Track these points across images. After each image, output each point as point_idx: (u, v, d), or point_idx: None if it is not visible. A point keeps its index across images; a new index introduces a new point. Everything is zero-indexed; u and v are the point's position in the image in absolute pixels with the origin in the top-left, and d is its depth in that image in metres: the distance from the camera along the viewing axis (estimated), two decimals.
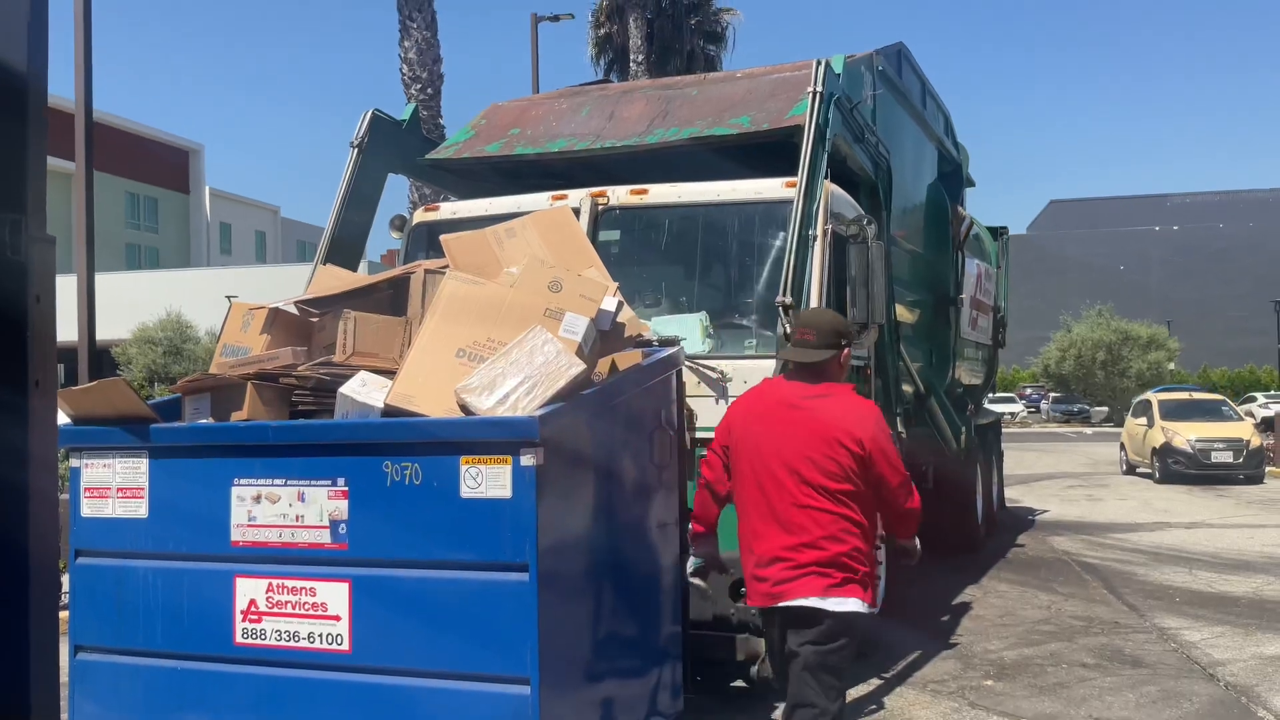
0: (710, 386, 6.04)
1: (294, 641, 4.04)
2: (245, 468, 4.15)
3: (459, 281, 4.39)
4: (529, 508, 3.72)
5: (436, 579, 3.87)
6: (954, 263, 10.73)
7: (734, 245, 6.70)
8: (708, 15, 31.53)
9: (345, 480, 3.98)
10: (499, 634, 3.75)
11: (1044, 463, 25.58)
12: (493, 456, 3.75)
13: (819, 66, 6.42)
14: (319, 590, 4.01)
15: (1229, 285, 72.13)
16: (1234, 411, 22.32)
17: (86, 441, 4.41)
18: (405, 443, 3.93)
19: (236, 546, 4.13)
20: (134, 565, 4.32)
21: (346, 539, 3.97)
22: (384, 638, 3.92)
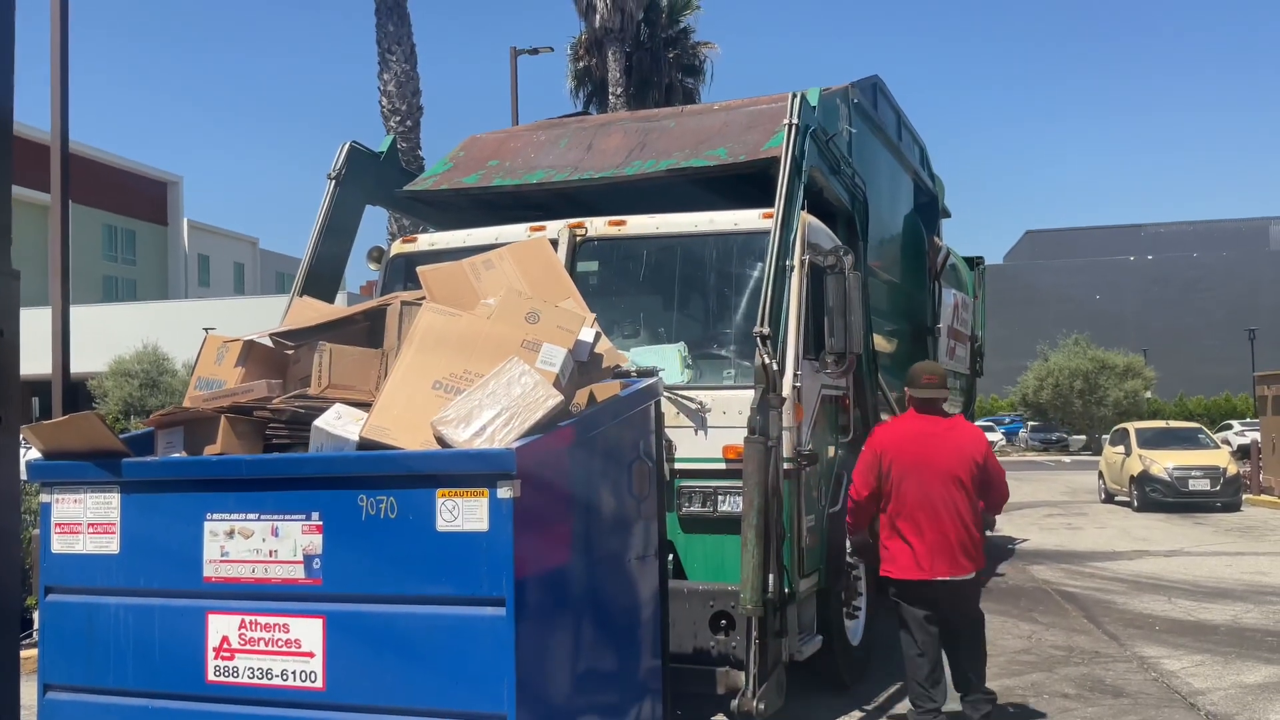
0: (689, 417, 6.05)
1: (267, 679, 3.96)
2: (218, 502, 4.08)
3: (435, 313, 4.36)
4: (506, 541, 3.67)
5: (412, 614, 3.81)
6: (931, 293, 10.80)
7: (712, 276, 6.72)
8: (686, 49, 31.82)
9: (320, 514, 3.92)
10: (476, 670, 3.69)
11: (1023, 491, 25.65)
12: (469, 489, 3.71)
13: (794, 99, 6.47)
14: (292, 627, 3.94)
15: (1203, 314, 72.79)
16: (1210, 439, 22.46)
17: (57, 476, 4.34)
18: (380, 475, 3.88)
19: (209, 582, 4.06)
20: (105, 602, 4.24)
21: (321, 574, 3.91)
22: (359, 675, 3.85)
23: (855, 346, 6.56)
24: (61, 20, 11.14)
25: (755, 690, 5.27)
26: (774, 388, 5.53)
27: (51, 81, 11.22)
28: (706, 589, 5.75)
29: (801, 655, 6.00)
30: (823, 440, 6.69)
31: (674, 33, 31.67)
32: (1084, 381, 48.97)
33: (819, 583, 6.43)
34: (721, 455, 5.96)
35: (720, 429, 5.98)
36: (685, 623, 5.60)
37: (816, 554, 6.40)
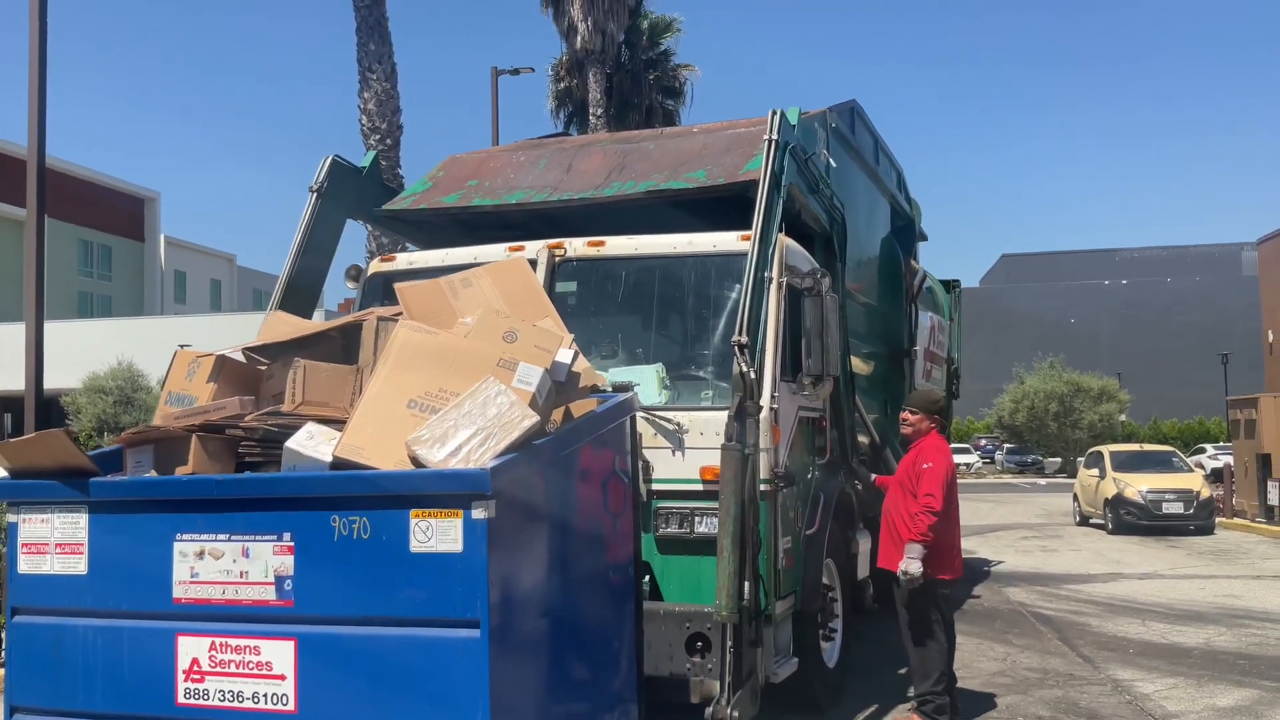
0: (666, 438, 6.05)
1: (238, 702, 3.91)
2: (188, 523, 4.03)
3: (412, 330, 4.34)
4: (480, 562, 3.64)
5: (385, 636, 3.77)
6: (908, 315, 10.85)
7: (690, 297, 6.75)
8: (666, 71, 31.97)
9: (291, 535, 3.88)
10: (450, 692, 3.66)
11: (999, 513, 25.75)
12: (443, 510, 3.68)
13: (774, 116, 6.52)
14: (263, 649, 3.89)
15: (1177, 338, 73.44)
16: (1184, 463, 22.63)
17: (24, 496, 4.28)
18: (353, 496, 3.85)
19: (179, 604, 4.01)
20: (73, 623, 4.18)
21: (292, 595, 3.87)
22: (331, 697, 3.80)
23: (833, 368, 6.59)
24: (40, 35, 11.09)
25: (730, 698, 5.26)
26: (752, 395, 5.56)
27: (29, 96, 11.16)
28: (683, 610, 5.74)
29: (777, 677, 5.99)
30: (800, 462, 6.71)
31: (654, 55, 31.82)
32: (1059, 404, 49.24)
33: (795, 605, 6.42)
34: (699, 476, 5.96)
35: (698, 450, 5.98)
36: (661, 644, 5.58)
37: (793, 576, 6.40)
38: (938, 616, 6.52)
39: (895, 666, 8.32)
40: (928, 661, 6.53)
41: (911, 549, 6.29)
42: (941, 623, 6.54)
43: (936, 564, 6.38)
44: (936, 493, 6.32)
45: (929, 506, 6.29)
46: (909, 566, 6.27)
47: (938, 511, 6.30)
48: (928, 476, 6.37)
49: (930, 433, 6.72)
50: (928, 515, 6.29)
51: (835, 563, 7.24)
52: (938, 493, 6.32)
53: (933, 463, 6.44)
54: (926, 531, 6.28)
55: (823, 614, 6.95)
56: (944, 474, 6.40)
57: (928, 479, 6.37)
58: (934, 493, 6.32)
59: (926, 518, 6.28)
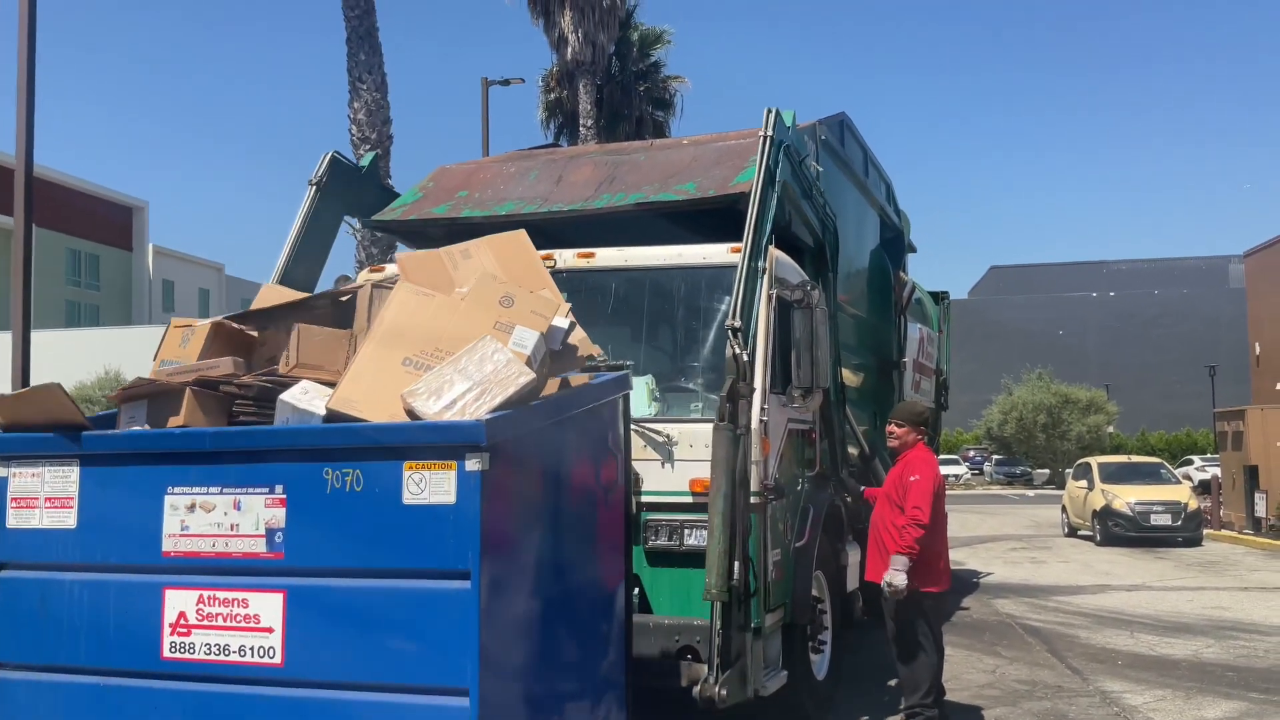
0: (656, 450, 6.04)
1: (224, 655, 3.87)
2: (180, 475, 4.00)
3: (410, 291, 4.36)
4: (473, 513, 3.61)
5: (375, 588, 3.74)
6: (897, 327, 10.88)
7: (680, 309, 6.75)
8: (656, 82, 32.05)
9: (283, 488, 3.85)
10: (438, 644, 3.62)
11: (987, 525, 25.80)
12: (437, 462, 3.66)
13: (770, 114, 6.57)
14: (251, 601, 3.86)
15: (1164, 350, 73.72)
16: (1172, 475, 22.71)
17: (15, 450, 4.25)
18: (347, 448, 3.82)
19: (168, 557, 3.97)
20: (60, 578, 4.14)
21: (283, 548, 3.83)
22: (318, 650, 3.77)
23: (822, 380, 6.59)
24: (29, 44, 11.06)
25: (718, 677, 5.26)
26: (744, 377, 5.60)
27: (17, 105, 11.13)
28: (672, 624, 5.72)
29: (767, 690, 5.97)
30: (790, 474, 6.70)
31: (645, 66, 31.90)
32: (1047, 416, 49.40)
33: (785, 617, 6.41)
34: (688, 489, 5.95)
35: (687, 462, 5.98)
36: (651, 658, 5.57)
37: (783, 588, 6.39)
38: (925, 629, 6.52)
39: (885, 679, 8.32)
40: (917, 673, 6.52)
41: (896, 561, 6.29)
42: (930, 635, 6.54)
43: (922, 576, 6.38)
44: (923, 505, 6.32)
45: (915, 519, 6.29)
46: (893, 578, 6.28)
47: (924, 524, 6.30)
48: (914, 489, 6.38)
49: (917, 445, 6.73)
50: (914, 528, 6.29)
51: (825, 575, 7.23)
52: (924, 505, 6.33)
53: (919, 475, 6.45)
54: (913, 544, 6.28)
55: (812, 626, 6.94)
56: (931, 486, 6.41)
57: (914, 491, 6.37)
58: (921, 505, 6.32)
59: (913, 530, 6.28)
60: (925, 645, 6.52)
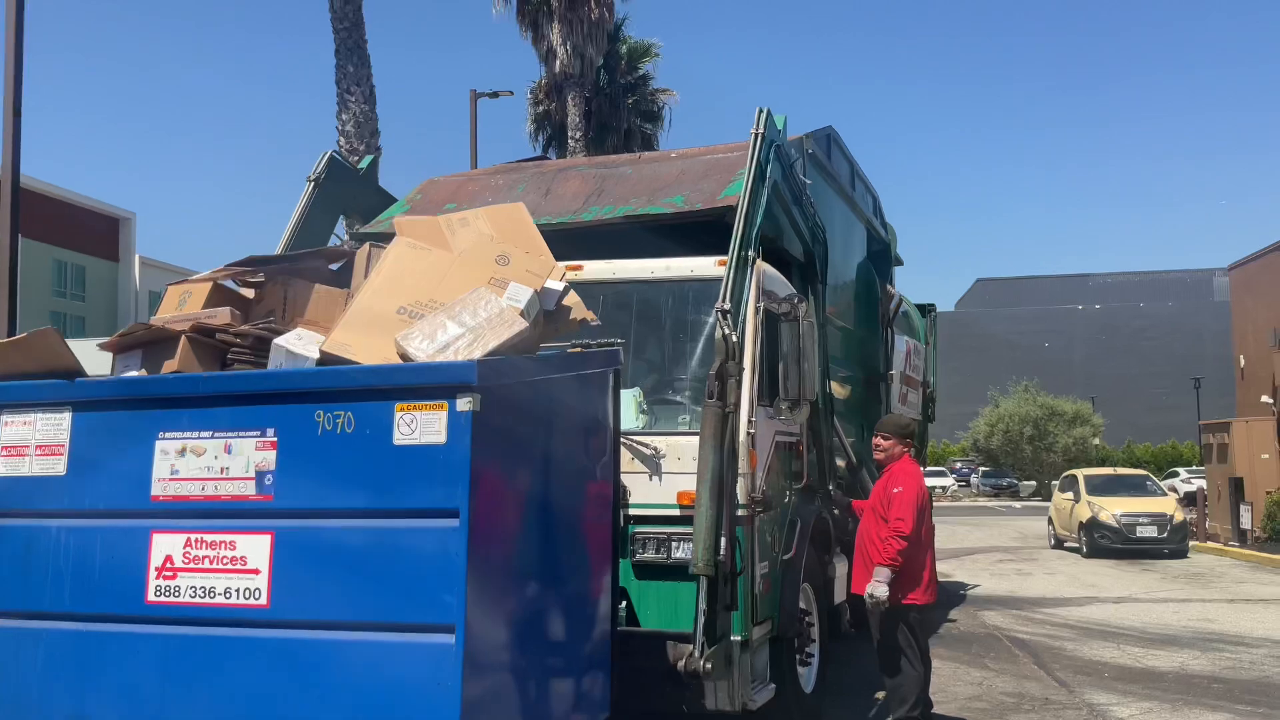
0: (643, 463, 6.03)
1: (209, 598, 3.86)
2: (172, 420, 4.00)
3: (406, 245, 4.42)
4: (463, 453, 3.62)
5: (364, 528, 3.75)
6: (884, 340, 10.91)
7: (668, 322, 6.76)
8: (644, 95, 32.14)
9: (275, 431, 3.86)
10: (425, 582, 3.63)
11: (974, 537, 25.84)
12: (428, 403, 3.68)
13: (761, 112, 6.65)
14: (239, 544, 3.85)
15: (1150, 363, 74.07)
16: (1158, 487, 22.79)
17: (8, 398, 4.24)
18: (339, 390, 3.83)
19: (156, 501, 3.96)
20: (46, 525, 4.12)
21: (272, 490, 3.84)
22: (305, 590, 3.76)
23: (809, 393, 6.61)
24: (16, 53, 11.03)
25: (703, 650, 5.26)
26: (733, 357, 5.68)
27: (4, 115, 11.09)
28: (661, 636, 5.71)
29: (755, 704, 5.96)
30: (777, 486, 6.71)
31: (633, 79, 31.99)
32: (1034, 428, 49.57)
33: (772, 630, 6.41)
34: (676, 501, 5.94)
35: (675, 475, 5.97)
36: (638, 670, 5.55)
37: (770, 601, 6.38)
38: (911, 641, 6.53)
39: (872, 692, 8.31)
40: (903, 686, 6.53)
41: (879, 573, 6.30)
42: (916, 647, 6.55)
43: (908, 588, 6.39)
44: (907, 517, 6.33)
45: (899, 531, 6.30)
46: (875, 590, 6.29)
47: (907, 535, 6.31)
48: (898, 501, 6.39)
49: (902, 457, 6.74)
50: (897, 540, 6.30)
51: (812, 588, 7.24)
52: (908, 517, 6.34)
53: (903, 487, 6.46)
54: (896, 556, 6.29)
55: (800, 639, 6.94)
56: (915, 498, 6.42)
57: (898, 503, 6.38)
58: (904, 516, 6.33)
59: (896, 542, 6.29)
60: (911, 658, 6.52)
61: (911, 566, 6.39)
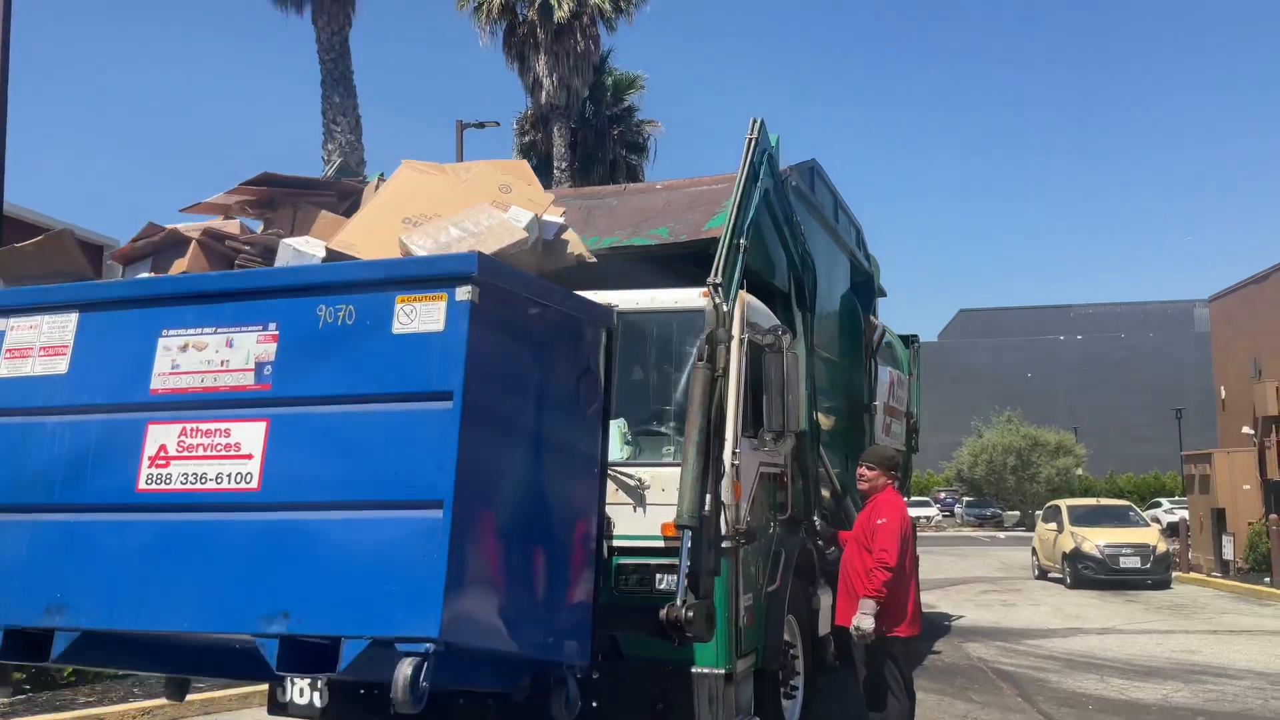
0: (628, 494, 6.03)
1: (199, 484, 3.89)
2: (176, 317, 4.06)
3: (413, 169, 4.62)
4: (460, 339, 3.72)
5: (359, 413, 3.82)
6: (867, 370, 10.94)
7: (653, 353, 6.76)
8: (630, 126, 32.31)
9: (276, 324, 3.93)
10: (417, 461, 3.70)
11: (959, 567, 25.83)
12: (429, 294, 3.79)
13: (755, 122, 6.88)
14: (234, 431, 3.89)
15: (1132, 394, 74.41)
16: (1141, 517, 22.85)
17: (17, 301, 4.31)
18: (341, 283, 3.93)
19: (155, 394, 4.01)
20: (42, 422, 4.16)
21: (270, 380, 3.90)
22: (296, 473, 3.81)
23: (793, 425, 6.61)
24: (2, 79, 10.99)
25: (684, 600, 5.27)
26: (723, 324, 5.91)
27: None
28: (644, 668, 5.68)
29: None
30: (761, 517, 6.70)
31: (619, 110, 32.17)
32: (1017, 458, 49.70)
33: (756, 663, 6.39)
34: (660, 533, 5.93)
35: (659, 506, 5.95)
36: (622, 700, 5.52)
37: (754, 634, 6.36)
38: (896, 674, 6.51)
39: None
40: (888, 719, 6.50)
41: (864, 605, 6.29)
42: (901, 680, 6.53)
43: (892, 620, 6.38)
44: (890, 548, 6.33)
45: (883, 562, 6.30)
46: (860, 622, 6.27)
47: (891, 567, 6.30)
48: (882, 532, 6.39)
49: (886, 488, 6.75)
50: (881, 571, 6.29)
51: (797, 620, 7.22)
52: (891, 548, 6.33)
53: (886, 518, 6.46)
54: (880, 588, 6.28)
55: (784, 672, 6.91)
56: (898, 529, 6.42)
57: (882, 534, 6.38)
58: (887, 548, 6.33)
59: (880, 574, 6.28)
60: (896, 690, 6.50)
61: (896, 598, 6.38)
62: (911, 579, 6.61)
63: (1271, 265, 26.27)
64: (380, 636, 3.62)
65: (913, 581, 6.64)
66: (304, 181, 5.02)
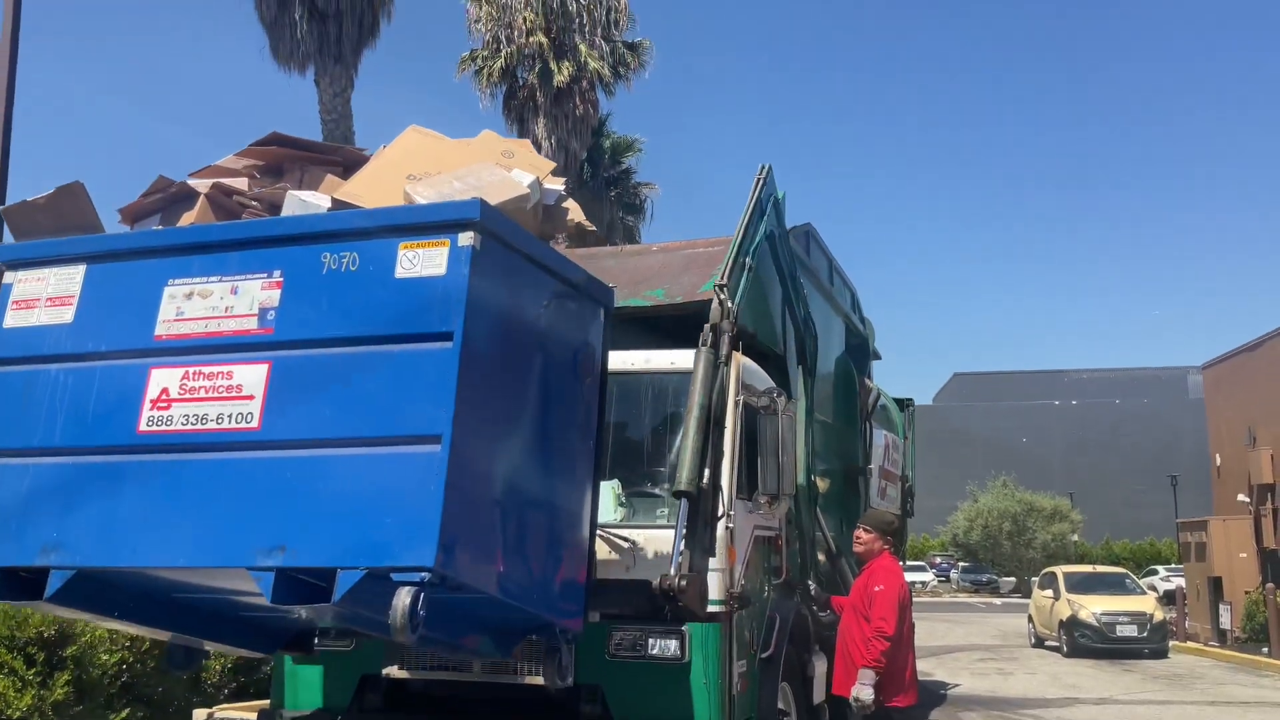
0: (621, 556, 5.96)
1: (200, 424, 3.92)
2: (182, 267, 4.13)
3: (418, 133, 4.78)
4: (461, 283, 3.81)
5: (361, 354, 3.90)
6: (862, 434, 10.92)
7: (647, 414, 6.74)
8: (627, 189, 32.62)
9: (281, 271, 4.01)
10: (416, 399, 3.77)
11: (955, 634, 25.57)
12: (432, 240, 3.90)
13: (764, 167, 7.28)
14: (236, 373, 3.94)
15: (1127, 460, 74.32)
16: (1137, 585, 22.70)
17: (26, 255, 4.39)
18: (346, 230, 4.03)
19: (159, 340, 4.07)
20: (46, 369, 4.21)
21: (274, 324, 3.97)
22: (296, 413, 3.86)
23: (788, 488, 6.58)
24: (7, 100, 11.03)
25: (679, 569, 5.29)
26: (728, 316, 6.17)
27: None
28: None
29: None
30: (756, 582, 6.63)
31: (616, 172, 32.50)
32: (1013, 523, 49.46)
33: None
34: None
35: (653, 569, 5.88)
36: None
37: (748, 701, 6.26)
38: None
39: None
40: None
41: (864, 675, 6.20)
42: None
43: (890, 689, 6.28)
44: (889, 616, 6.25)
45: (881, 631, 6.22)
46: (861, 693, 6.18)
47: (890, 636, 6.22)
48: (880, 600, 6.32)
49: (883, 554, 6.69)
50: (880, 640, 6.21)
51: (791, 687, 7.10)
52: (890, 616, 6.25)
53: (884, 585, 6.39)
54: (879, 657, 6.19)
55: None
56: (896, 596, 6.34)
57: (880, 602, 6.31)
58: (886, 616, 6.25)
59: (879, 643, 6.20)
60: None
61: (893, 666, 6.29)
62: (908, 647, 6.52)
63: (1264, 334, 26.38)
64: (376, 567, 3.68)
65: (909, 649, 6.55)
66: (311, 145, 5.22)
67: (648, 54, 29.91)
